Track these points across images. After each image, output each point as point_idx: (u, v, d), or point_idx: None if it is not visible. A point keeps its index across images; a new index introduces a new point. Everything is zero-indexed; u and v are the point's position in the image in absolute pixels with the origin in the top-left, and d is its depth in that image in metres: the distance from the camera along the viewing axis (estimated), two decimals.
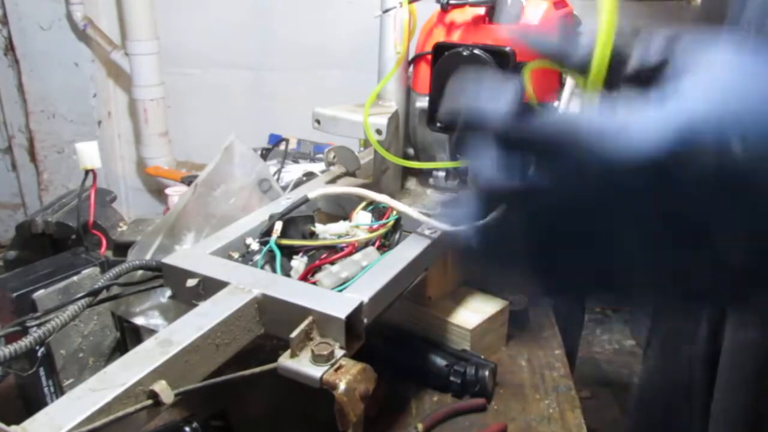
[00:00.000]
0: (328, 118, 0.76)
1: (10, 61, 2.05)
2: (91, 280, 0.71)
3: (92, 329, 0.73)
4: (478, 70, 0.64)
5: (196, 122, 2.09)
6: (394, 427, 0.70)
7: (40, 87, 2.05)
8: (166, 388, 0.46)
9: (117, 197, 0.98)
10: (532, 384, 0.78)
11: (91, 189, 0.80)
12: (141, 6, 1.90)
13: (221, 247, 0.66)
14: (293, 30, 1.93)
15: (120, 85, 2.11)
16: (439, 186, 0.79)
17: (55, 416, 0.42)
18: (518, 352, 0.84)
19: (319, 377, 0.50)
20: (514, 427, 0.71)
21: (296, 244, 0.67)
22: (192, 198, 0.78)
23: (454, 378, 0.74)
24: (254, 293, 0.56)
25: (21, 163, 2.19)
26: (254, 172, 0.83)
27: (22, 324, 0.59)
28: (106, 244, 0.83)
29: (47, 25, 1.98)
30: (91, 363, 0.73)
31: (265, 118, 1.94)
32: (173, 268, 0.61)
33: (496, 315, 0.82)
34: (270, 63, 1.99)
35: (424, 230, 0.69)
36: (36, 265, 0.72)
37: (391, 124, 0.72)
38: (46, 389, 0.70)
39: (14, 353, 0.51)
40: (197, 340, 0.50)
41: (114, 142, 2.16)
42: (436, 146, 0.77)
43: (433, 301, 0.82)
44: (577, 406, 0.74)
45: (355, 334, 0.54)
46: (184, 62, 2.04)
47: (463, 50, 0.65)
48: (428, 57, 0.70)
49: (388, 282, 0.60)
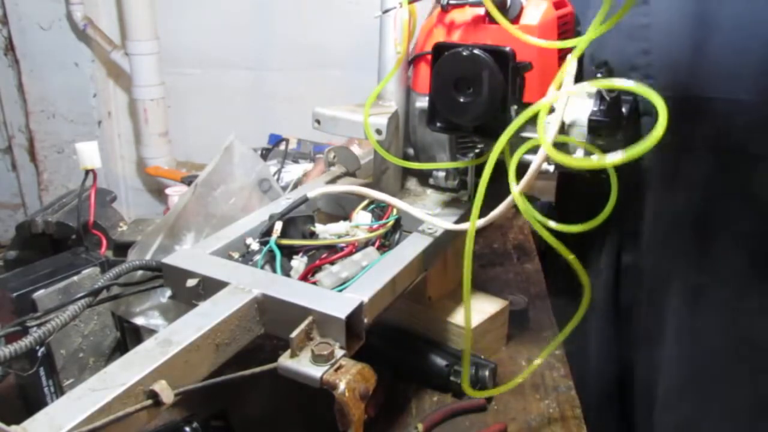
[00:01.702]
0: (328, 118, 0.76)
1: (10, 61, 2.05)
2: (91, 280, 0.71)
3: (92, 329, 0.73)
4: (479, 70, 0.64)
5: (196, 122, 2.08)
6: (394, 427, 0.70)
7: (40, 87, 2.05)
8: (166, 388, 0.46)
9: (117, 197, 0.98)
10: (532, 384, 0.78)
11: (91, 189, 0.80)
12: (141, 6, 1.90)
13: (221, 247, 0.66)
14: (293, 30, 1.92)
15: (120, 85, 2.10)
16: (439, 186, 0.79)
17: (55, 416, 0.42)
18: (518, 352, 0.84)
19: (319, 377, 0.50)
20: (514, 427, 0.71)
21: (296, 244, 0.67)
22: (192, 198, 0.78)
23: (454, 378, 0.74)
24: (254, 293, 0.56)
25: (21, 163, 2.19)
26: (254, 172, 0.83)
27: (22, 324, 0.59)
28: (106, 244, 0.83)
29: (47, 25, 1.98)
30: (91, 363, 0.74)
31: (265, 118, 1.94)
32: (173, 268, 0.61)
33: (496, 315, 0.82)
34: (270, 63, 1.99)
35: (424, 230, 0.69)
36: (36, 265, 0.72)
37: (391, 124, 0.72)
38: (46, 389, 0.70)
39: (14, 353, 0.51)
40: (197, 340, 0.50)
41: (114, 142, 2.16)
42: (436, 146, 0.77)
43: (433, 301, 0.82)
44: (577, 406, 0.74)
45: (355, 334, 0.54)
46: (184, 62, 2.03)
47: (463, 50, 0.65)
48: (428, 57, 0.70)
49: (388, 282, 0.60)
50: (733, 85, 0.74)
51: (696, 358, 0.83)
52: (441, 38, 0.73)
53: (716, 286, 0.81)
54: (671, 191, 0.82)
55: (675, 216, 0.82)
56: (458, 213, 0.74)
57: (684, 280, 0.83)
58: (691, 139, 0.78)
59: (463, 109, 0.65)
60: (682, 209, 0.82)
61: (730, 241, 0.79)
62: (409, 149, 0.80)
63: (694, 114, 0.77)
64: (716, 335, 0.82)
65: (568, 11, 0.73)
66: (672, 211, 0.83)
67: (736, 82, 0.74)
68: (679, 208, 0.82)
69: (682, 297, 0.83)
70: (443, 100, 0.67)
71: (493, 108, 0.64)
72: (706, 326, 0.82)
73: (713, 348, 0.82)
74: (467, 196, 0.78)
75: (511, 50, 0.64)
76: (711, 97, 0.76)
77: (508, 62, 0.64)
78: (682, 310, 0.83)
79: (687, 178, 0.80)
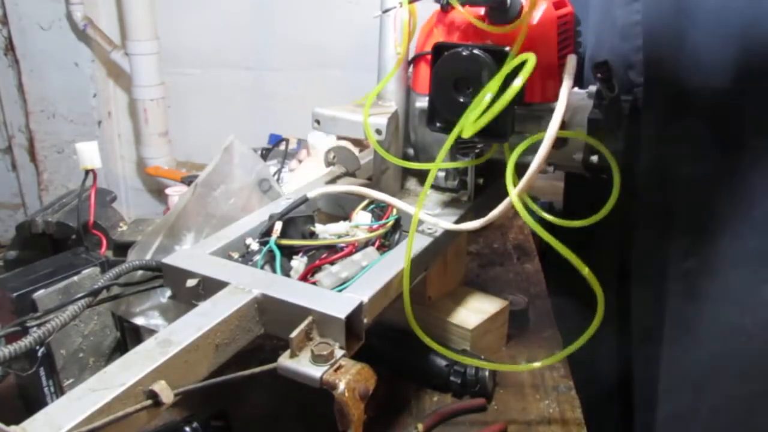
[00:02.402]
0: (328, 118, 0.76)
1: (10, 61, 2.04)
2: (91, 280, 0.71)
3: (92, 329, 0.73)
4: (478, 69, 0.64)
5: (196, 122, 2.08)
6: (394, 427, 0.70)
7: (40, 87, 2.05)
8: (166, 388, 0.46)
9: (117, 197, 0.98)
10: (532, 384, 0.78)
11: (91, 189, 0.80)
12: (141, 6, 1.90)
13: (221, 247, 0.66)
14: (293, 30, 1.92)
15: (120, 85, 2.10)
16: (439, 186, 0.79)
17: (54, 416, 0.42)
18: (518, 352, 0.84)
19: (319, 377, 0.50)
20: (514, 427, 0.71)
21: (296, 244, 0.67)
22: (192, 198, 0.78)
23: (454, 378, 0.74)
24: (254, 293, 0.56)
25: (21, 163, 2.19)
26: (254, 172, 0.83)
27: (22, 324, 0.59)
28: (106, 244, 0.83)
29: (47, 25, 1.98)
30: (91, 363, 0.74)
31: (265, 118, 1.94)
32: (173, 269, 0.61)
33: (496, 315, 0.82)
34: (270, 63, 1.99)
35: (424, 230, 0.69)
36: (36, 265, 0.72)
37: (391, 124, 0.72)
38: (46, 389, 0.70)
39: (14, 353, 0.51)
40: (197, 340, 0.50)
41: (114, 142, 2.16)
42: (436, 146, 0.77)
43: (433, 301, 0.82)
44: (577, 406, 0.74)
45: (355, 334, 0.55)
46: (184, 62, 2.03)
47: (463, 50, 0.65)
48: (428, 57, 0.70)
49: (388, 282, 0.60)
50: (717, 74, 0.75)
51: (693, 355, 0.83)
52: (441, 38, 0.73)
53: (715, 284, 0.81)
54: (667, 187, 0.82)
55: (672, 212, 0.82)
56: (458, 213, 0.74)
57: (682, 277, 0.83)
58: (684, 132, 0.78)
59: (463, 109, 0.65)
60: (679, 205, 0.82)
61: (726, 235, 0.79)
62: (409, 149, 0.80)
63: (683, 107, 0.78)
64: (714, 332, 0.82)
65: (568, 11, 0.73)
66: (668, 207, 0.83)
67: (720, 71, 0.75)
68: (676, 203, 0.82)
69: (681, 295, 0.83)
70: (443, 100, 0.67)
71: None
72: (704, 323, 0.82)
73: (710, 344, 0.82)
74: (467, 196, 0.78)
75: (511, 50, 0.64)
76: (698, 88, 0.76)
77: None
78: (680, 307, 0.83)
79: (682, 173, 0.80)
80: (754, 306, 0.79)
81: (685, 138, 0.79)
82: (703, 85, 0.76)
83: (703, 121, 0.77)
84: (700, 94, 0.77)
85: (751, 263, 0.78)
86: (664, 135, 0.80)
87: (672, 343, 0.85)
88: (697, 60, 0.76)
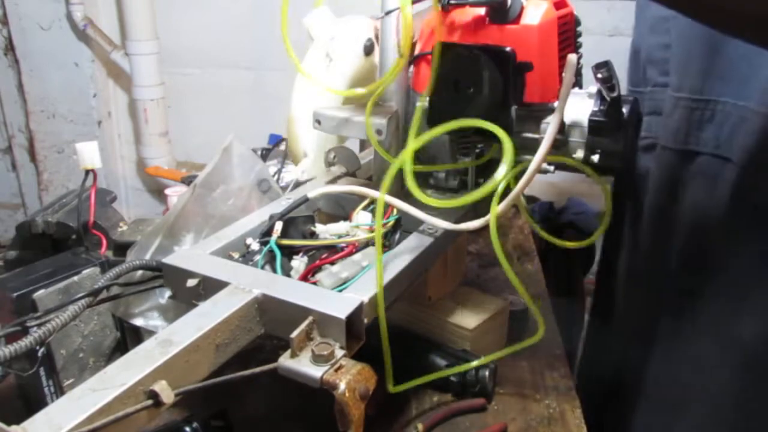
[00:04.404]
0: (328, 118, 0.76)
1: (10, 61, 2.05)
2: (92, 280, 0.71)
3: (92, 329, 0.73)
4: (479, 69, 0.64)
5: (196, 122, 2.09)
6: (394, 427, 0.70)
7: (40, 87, 2.05)
8: (166, 388, 0.46)
9: (117, 197, 0.98)
10: (532, 384, 0.78)
11: (91, 189, 0.80)
12: (141, 6, 1.90)
13: (221, 247, 0.66)
14: (293, 30, 1.92)
15: (120, 85, 2.11)
16: (440, 186, 0.79)
17: (55, 416, 0.42)
18: (518, 352, 0.84)
19: (319, 377, 0.50)
20: (514, 427, 0.71)
21: (296, 244, 0.67)
22: (191, 198, 0.77)
23: (454, 378, 0.74)
24: (254, 293, 0.56)
25: (21, 163, 2.19)
26: (253, 173, 0.83)
27: (22, 324, 0.59)
28: (106, 244, 0.83)
29: (47, 25, 1.98)
30: (91, 363, 0.74)
31: (265, 118, 1.94)
32: (173, 269, 0.61)
33: (496, 315, 0.82)
34: (270, 63, 1.99)
35: (424, 230, 0.69)
36: (36, 265, 0.72)
37: (391, 124, 0.72)
38: (46, 389, 0.70)
39: (14, 353, 0.51)
40: (197, 340, 0.50)
41: (114, 142, 2.16)
42: (437, 146, 0.77)
43: (433, 301, 0.82)
44: (577, 406, 0.74)
45: (355, 334, 0.54)
46: (184, 62, 2.04)
47: (463, 50, 0.65)
48: (428, 57, 0.70)
49: (388, 282, 0.60)
50: (743, 92, 0.72)
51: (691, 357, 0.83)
52: (441, 38, 0.73)
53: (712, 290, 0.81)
54: (671, 194, 0.82)
55: (674, 219, 0.82)
56: (458, 213, 0.74)
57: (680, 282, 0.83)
58: (697, 142, 0.77)
59: (463, 110, 0.65)
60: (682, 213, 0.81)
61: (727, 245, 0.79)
62: None
63: (703, 117, 0.76)
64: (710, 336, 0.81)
65: (568, 11, 0.73)
66: (671, 214, 0.82)
67: (746, 89, 0.72)
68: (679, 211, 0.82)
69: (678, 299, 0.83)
70: (443, 100, 0.67)
71: (493, 108, 0.64)
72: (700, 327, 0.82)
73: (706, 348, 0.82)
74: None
75: (511, 50, 0.64)
76: (721, 101, 0.74)
77: (508, 62, 0.64)
78: (678, 311, 0.83)
79: (688, 182, 0.80)
80: (753, 306, 0.79)
81: (696, 146, 0.77)
82: (727, 99, 0.73)
83: (720, 134, 0.75)
84: (724, 107, 0.74)
85: (751, 262, 0.78)
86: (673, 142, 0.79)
87: (668, 341, 0.85)
88: (727, 74, 0.73)
